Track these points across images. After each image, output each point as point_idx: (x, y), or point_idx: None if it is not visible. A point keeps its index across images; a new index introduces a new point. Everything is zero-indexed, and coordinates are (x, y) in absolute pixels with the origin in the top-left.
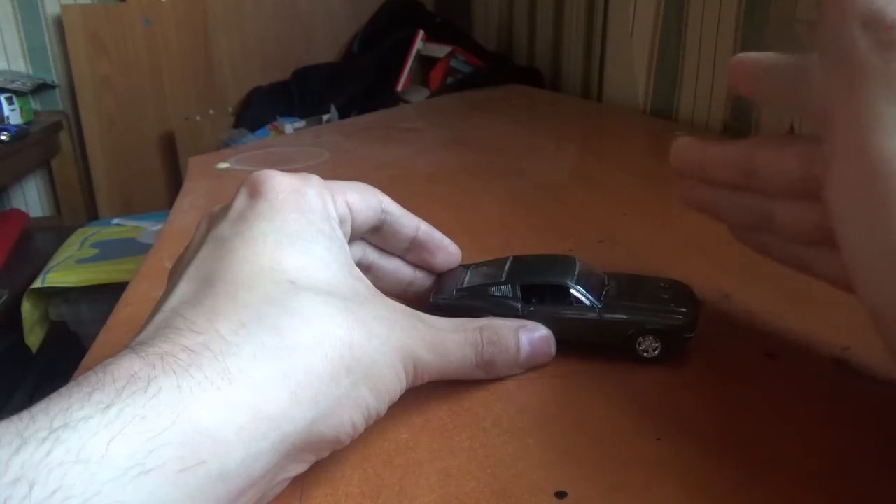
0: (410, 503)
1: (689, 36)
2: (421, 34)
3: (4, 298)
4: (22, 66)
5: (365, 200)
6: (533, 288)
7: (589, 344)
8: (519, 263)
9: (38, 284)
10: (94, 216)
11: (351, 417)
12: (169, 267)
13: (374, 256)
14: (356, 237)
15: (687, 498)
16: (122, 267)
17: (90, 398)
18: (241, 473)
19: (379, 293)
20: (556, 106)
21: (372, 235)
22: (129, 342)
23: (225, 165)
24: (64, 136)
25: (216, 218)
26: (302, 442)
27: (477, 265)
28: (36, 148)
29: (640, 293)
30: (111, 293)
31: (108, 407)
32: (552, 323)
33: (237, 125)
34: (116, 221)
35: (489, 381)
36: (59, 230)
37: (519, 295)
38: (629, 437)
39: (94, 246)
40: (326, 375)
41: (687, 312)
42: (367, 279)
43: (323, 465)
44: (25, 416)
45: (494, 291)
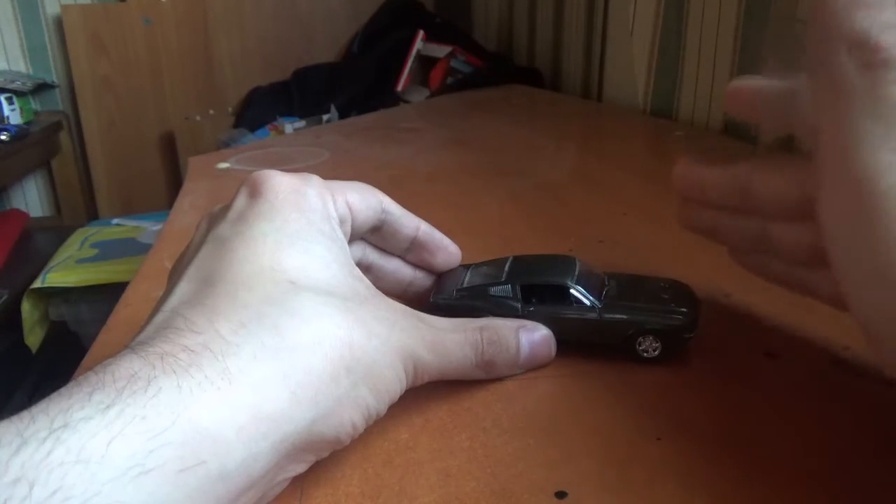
0: (410, 503)
1: (689, 36)
2: (421, 34)
3: (4, 298)
4: (22, 66)
5: (365, 200)
6: (533, 288)
7: (589, 344)
8: (519, 263)
9: (38, 284)
10: (94, 216)
11: (351, 417)
12: (169, 267)
13: (374, 256)
14: (356, 237)
15: (687, 497)
16: (122, 267)
17: (90, 398)
18: (241, 473)
19: (379, 293)
20: (556, 106)
21: (372, 235)
22: (129, 342)
23: (225, 165)
24: (64, 136)
25: (216, 218)
26: (302, 442)
27: (477, 265)
28: (36, 148)
29: (640, 293)
30: (111, 293)
31: (108, 407)
32: (552, 323)
33: (237, 125)
34: (116, 221)
35: (489, 381)
36: (59, 230)
37: (519, 295)
38: (629, 436)
39: (94, 246)
40: (326, 375)
41: (687, 312)
42: (367, 279)
43: (323, 465)
44: (25, 416)
45: (494, 291)
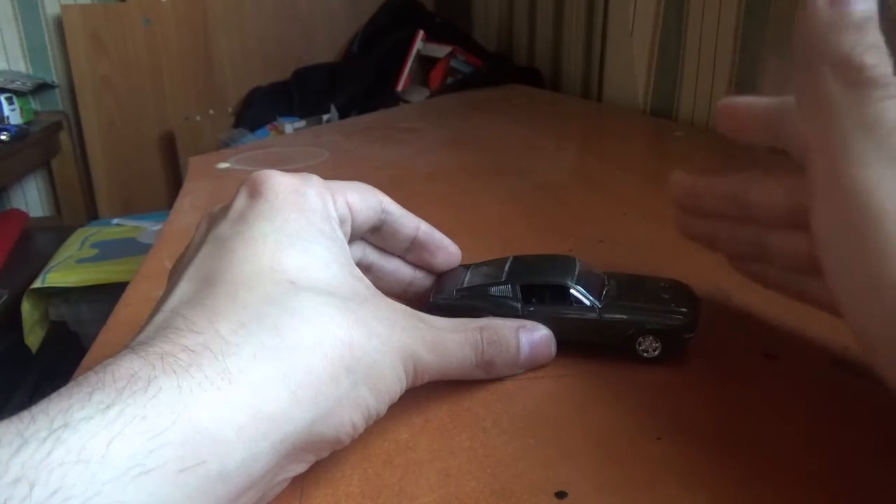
0: (410, 503)
1: (689, 36)
2: (421, 34)
3: (4, 298)
4: (22, 66)
5: (365, 200)
6: (533, 288)
7: (589, 344)
8: (519, 263)
9: (38, 284)
10: (94, 216)
11: (351, 417)
12: (169, 267)
13: (374, 256)
14: (356, 237)
15: (687, 497)
16: (122, 267)
17: (90, 398)
18: (241, 473)
19: (379, 293)
20: (556, 106)
21: (372, 235)
22: (129, 342)
23: (225, 165)
24: (64, 136)
25: (216, 218)
26: (302, 442)
27: (477, 265)
28: (36, 148)
29: (640, 293)
30: (111, 293)
31: (108, 407)
32: (552, 323)
33: (237, 125)
34: (116, 221)
35: (489, 381)
36: (59, 230)
37: (519, 295)
38: (629, 436)
39: (94, 246)
40: (326, 375)
41: (687, 312)
42: (367, 279)
43: (323, 465)
44: (26, 416)
45: (494, 291)
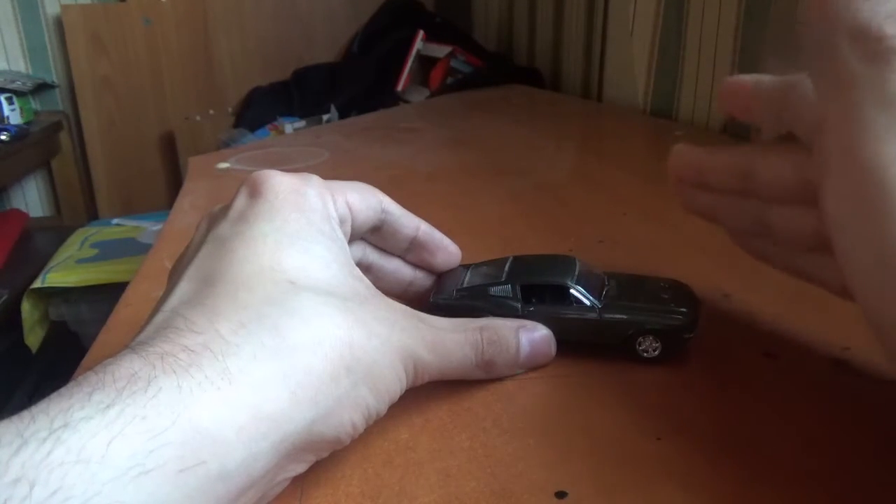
0: (410, 503)
1: (689, 36)
2: (421, 34)
3: (4, 298)
4: (22, 66)
5: (365, 200)
6: (533, 288)
7: (589, 344)
8: (519, 263)
9: (38, 284)
10: (94, 216)
11: (351, 417)
12: (169, 267)
13: (374, 256)
14: (356, 237)
15: (687, 497)
16: (122, 267)
17: (90, 398)
18: (241, 473)
19: (379, 293)
20: (556, 106)
21: (372, 235)
22: (129, 342)
23: (225, 165)
24: (64, 136)
25: (216, 218)
26: (302, 442)
27: (477, 265)
28: (36, 148)
29: (640, 293)
30: (111, 293)
31: (108, 407)
32: (552, 323)
33: (237, 125)
34: (116, 221)
35: (489, 381)
36: (59, 230)
37: (519, 295)
38: (629, 437)
39: (94, 246)
40: (326, 375)
41: (687, 312)
42: (367, 279)
43: (323, 465)
44: (26, 416)
45: (494, 291)
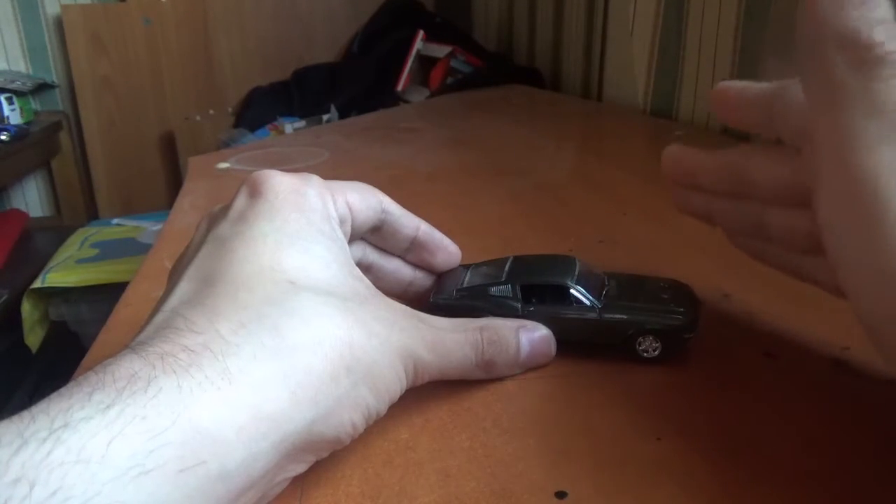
0: (410, 503)
1: (689, 36)
2: (421, 34)
3: (4, 298)
4: (22, 66)
5: (365, 200)
6: (533, 288)
7: (589, 344)
8: (519, 263)
9: (38, 284)
10: (94, 216)
11: (351, 417)
12: (169, 267)
13: (374, 256)
14: (356, 237)
15: (687, 497)
16: (122, 267)
17: (90, 398)
18: (241, 473)
19: (379, 293)
20: (556, 106)
21: (372, 235)
22: (129, 342)
23: (225, 165)
24: (64, 136)
25: (216, 218)
26: (302, 442)
27: (477, 265)
28: (36, 148)
29: (640, 293)
30: (111, 293)
31: (108, 407)
32: (552, 323)
33: (237, 125)
34: (116, 221)
35: (489, 381)
36: (59, 230)
37: (519, 295)
38: (629, 437)
39: (94, 246)
40: (326, 375)
41: (687, 312)
42: (367, 279)
43: (323, 465)
44: (26, 416)
45: (494, 291)
